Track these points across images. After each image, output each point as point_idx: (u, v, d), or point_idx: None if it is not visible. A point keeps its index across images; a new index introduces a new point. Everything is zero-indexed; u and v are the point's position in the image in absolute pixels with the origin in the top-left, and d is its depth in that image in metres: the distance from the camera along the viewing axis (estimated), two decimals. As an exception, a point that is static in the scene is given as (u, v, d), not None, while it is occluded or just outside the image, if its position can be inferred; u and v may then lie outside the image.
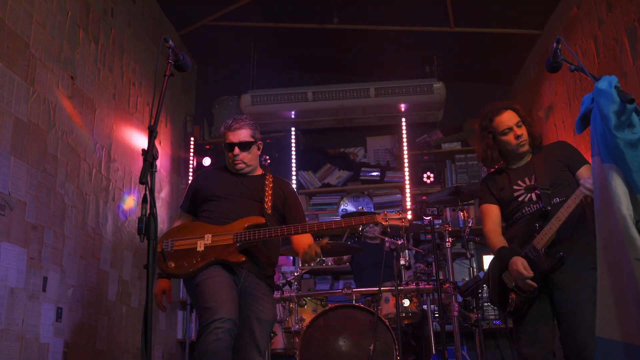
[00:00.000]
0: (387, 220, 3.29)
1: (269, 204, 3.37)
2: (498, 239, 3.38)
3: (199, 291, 3.06)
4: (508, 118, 3.39)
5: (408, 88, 6.54)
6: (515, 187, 3.40)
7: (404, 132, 6.80)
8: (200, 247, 3.15)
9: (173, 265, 3.13)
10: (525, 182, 3.38)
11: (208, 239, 3.18)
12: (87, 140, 4.56)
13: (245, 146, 3.43)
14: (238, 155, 3.42)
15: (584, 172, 3.26)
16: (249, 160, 3.47)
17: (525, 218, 3.32)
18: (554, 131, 5.83)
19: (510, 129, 3.38)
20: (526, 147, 3.40)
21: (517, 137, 3.37)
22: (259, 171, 3.61)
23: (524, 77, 6.86)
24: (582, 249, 3.17)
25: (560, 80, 5.62)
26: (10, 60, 3.64)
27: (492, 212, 3.48)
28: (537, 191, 3.31)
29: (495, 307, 5.19)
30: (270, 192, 3.42)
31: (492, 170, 3.63)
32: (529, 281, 3.09)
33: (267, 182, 3.49)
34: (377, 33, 6.51)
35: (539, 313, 3.20)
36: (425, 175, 6.74)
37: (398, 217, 3.32)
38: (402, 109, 6.77)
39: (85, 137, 4.54)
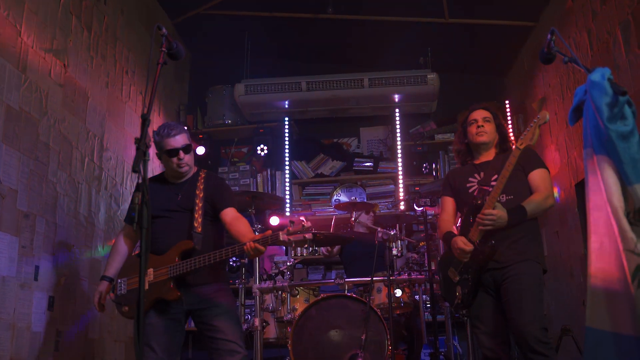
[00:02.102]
0: (289, 235, 3.14)
1: (199, 220, 3.46)
2: (446, 227, 3.57)
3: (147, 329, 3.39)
4: (478, 113, 3.61)
5: (402, 79, 6.55)
6: (470, 179, 3.53)
7: (398, 122, 6.81)
8: (146, 285, 3.33)
9: (127, 309, 3.46)
10: (479, 176, 3.51)
11: (150, 274, 3.38)
12: (79, 128, 4.54)
13: (187, 149, 3.52)
14: (183, 159, 3.50)
15: (535, 175, 3.42)
16: (190, 162, 3.59)
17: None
18: (547, 123, 5.84)
19: (476, 120, 3.58)
20: (484, 138, 3.55)
21: (478, 126, 3.55)
22: (193, 170, 3.68)
23: (517, 69, 6.87)
24: (519, 242, 3.31)
25: (553, 72, 5.63)
26: (2, 47, 3.61)
27: (447, 204, 3.67)
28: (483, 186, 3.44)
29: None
30: (200, 200, 3.50)
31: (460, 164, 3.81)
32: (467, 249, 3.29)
33: (199, 184, 3.56)
34: (371, 23, 6.50)
35: (494, 310, 3.34)
36: (423, 166, 6.77)
37: (299, 229, 3.09)
38: (396, 100, 6.78)
39: (78, 125, 4.52)
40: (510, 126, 6.64)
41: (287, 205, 6.64)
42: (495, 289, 3.33)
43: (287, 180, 6.76)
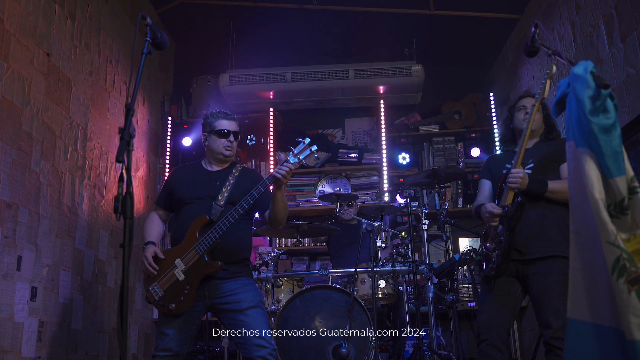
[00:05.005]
0: (297, 154, 3.44)
1: (223, 199, 3.44)
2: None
3: (160, 315, 3.40)
4: (528, 101, 3.53)
5: (387, 70, 6.56)
6: (507, 165, 3.44)
7: (382, 114, 6.82)
8: (180, 276, 3.30)
9: (174, 306, 3.29)
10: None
11: (180, 264, 3.31)
12: (62, 118, 4.50)
13: (237, 135, 3.64)
14: (233, 142, 3.59)
15: (564, 168, 3.33)
16: (235, 151, 3.67)
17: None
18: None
19: (524, 107, 3.52)
20: (530, 125, 3.33)
21: (526, 113, 3.47)
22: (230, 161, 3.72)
23: (502, 61, 6.90)
24: (547, 232, 3.27)
25: (537, 65, 5.66)
26: (-16, 35, 3.57)
27: (484, 187, 3.63)
28: None
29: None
30: (230, 185, 3.50)
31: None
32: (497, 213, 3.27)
33: (233, 173, 3.57)
34: (356, 14, 6.49)
35: (504, 294, 3.31)
36: (400, 156, 6.75)
37: (303, 146, 3.46)
38: (381, 91, 6.79)
39: (61, 115, 4.48)
40: (494, 118, 6.67)
41: (272, 196, 6.62)
42: (519, 280, 3.29)
43: (272, 170, 6.75)
